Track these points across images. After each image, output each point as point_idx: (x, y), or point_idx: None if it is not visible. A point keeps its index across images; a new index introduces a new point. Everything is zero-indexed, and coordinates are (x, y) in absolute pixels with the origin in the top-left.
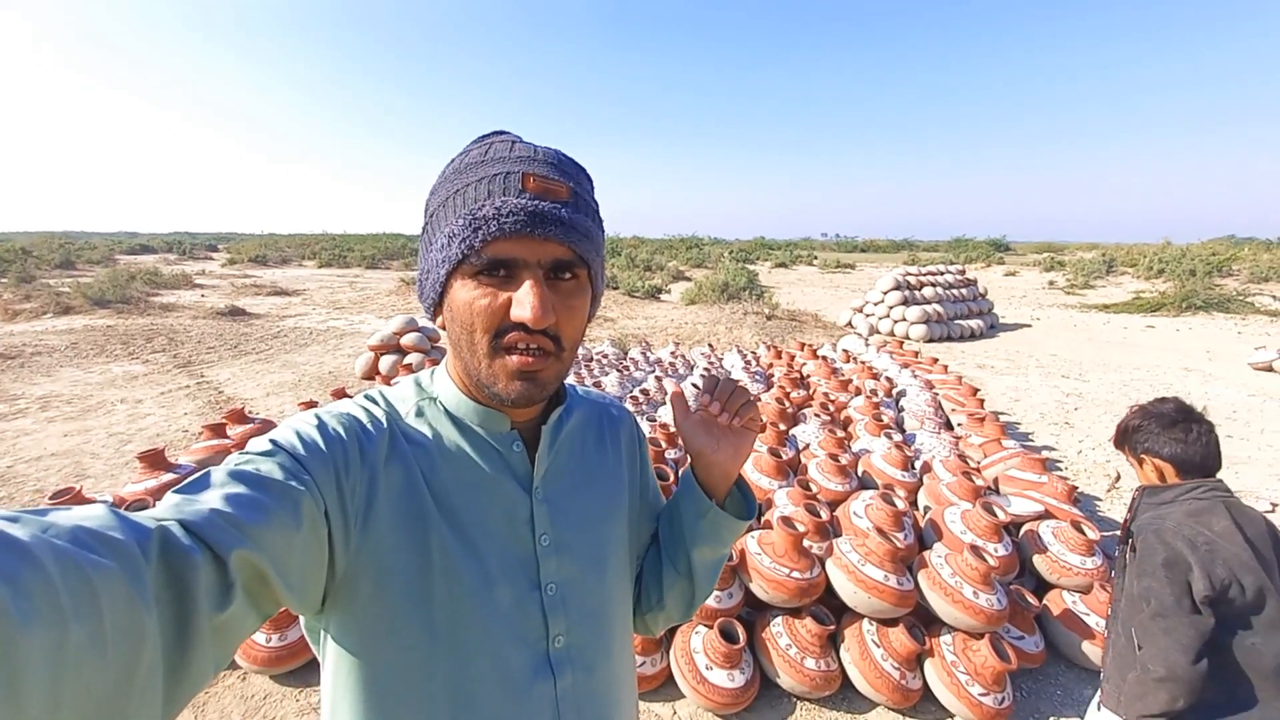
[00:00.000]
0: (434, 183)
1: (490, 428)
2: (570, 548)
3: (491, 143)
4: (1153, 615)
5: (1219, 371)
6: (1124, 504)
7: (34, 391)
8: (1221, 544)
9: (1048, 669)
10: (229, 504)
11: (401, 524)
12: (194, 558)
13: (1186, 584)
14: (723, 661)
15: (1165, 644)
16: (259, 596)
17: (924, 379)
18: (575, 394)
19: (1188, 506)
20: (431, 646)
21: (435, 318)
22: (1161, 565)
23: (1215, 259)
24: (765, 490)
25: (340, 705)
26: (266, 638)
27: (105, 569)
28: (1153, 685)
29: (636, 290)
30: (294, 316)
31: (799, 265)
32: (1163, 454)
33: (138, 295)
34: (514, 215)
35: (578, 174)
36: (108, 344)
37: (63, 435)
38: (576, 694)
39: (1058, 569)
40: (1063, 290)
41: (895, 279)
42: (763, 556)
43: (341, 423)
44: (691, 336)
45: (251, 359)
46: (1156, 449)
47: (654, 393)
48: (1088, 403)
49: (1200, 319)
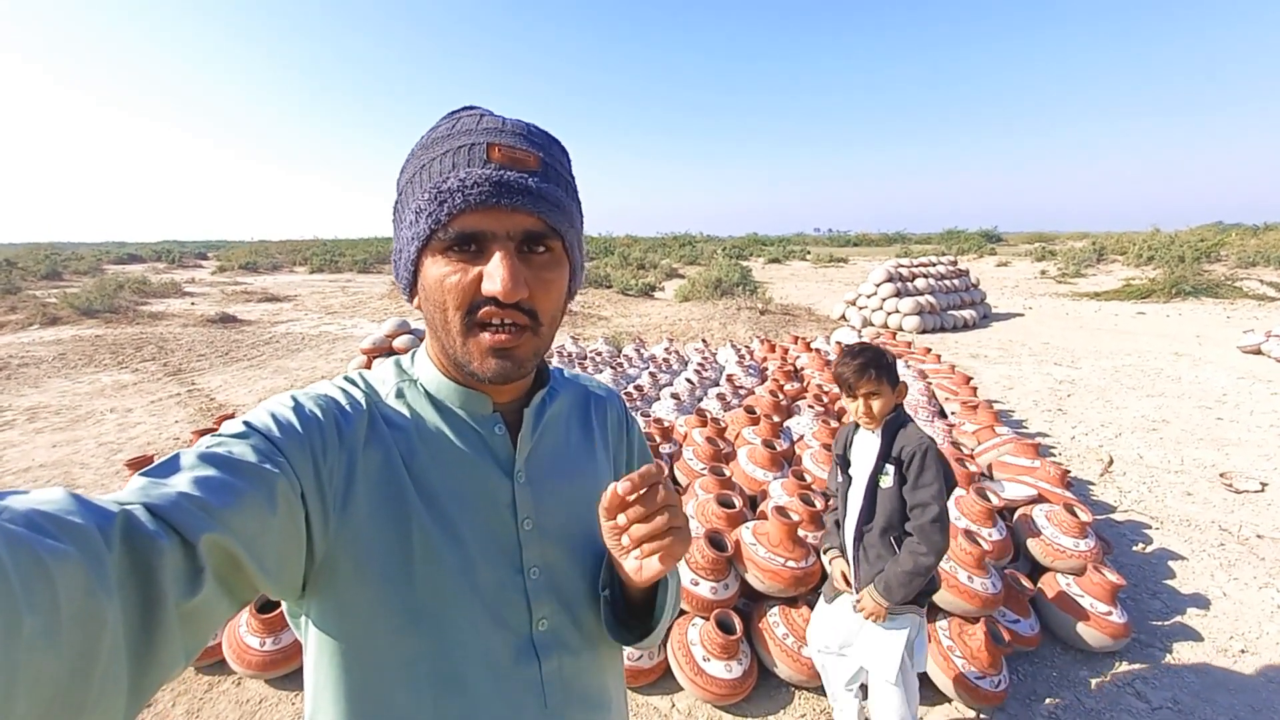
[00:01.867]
0: (403, 160)
1: (472, 409)
2: (554, 532)
3: (459, 117)
4: (933, 519)
5: (1209, 355)
6: (1118, 488)
7: (21, 403)
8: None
9: (1043, 651)
10: (198, 487)
11: (381, 507)
12: (159, 543)
13: (947, 485)
14: (720, 653)
15: (938, 537)
16: (232, 582)
17: (917, 369)
18: (561, 376)
19: (916, 423)
20: (413, 630)
21: (412, 298)
22: (940, 475)
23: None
24: (760, 482)
25: (323, 690)
26: (261, 641)
27: (62, 555)
28: (923, 570)
29: (630, 289)
30: (286, 322)
31: (792, 260)
32: (896, 383)
33: (126, 304)
34: (479, 186)
35: (549, 144)
36: (96, 354)
37: (51, 446)
38: (562, 677)
39: (1051, 552)
40: (1054, 279)
41: (887, 271)
42: (758, 547)
43: (318, 404)
44: (686, 333)
45: (243, 365)
46: (896, 379)
47: (648, 389)
48: (1080, 389)
49: (1190, 304)
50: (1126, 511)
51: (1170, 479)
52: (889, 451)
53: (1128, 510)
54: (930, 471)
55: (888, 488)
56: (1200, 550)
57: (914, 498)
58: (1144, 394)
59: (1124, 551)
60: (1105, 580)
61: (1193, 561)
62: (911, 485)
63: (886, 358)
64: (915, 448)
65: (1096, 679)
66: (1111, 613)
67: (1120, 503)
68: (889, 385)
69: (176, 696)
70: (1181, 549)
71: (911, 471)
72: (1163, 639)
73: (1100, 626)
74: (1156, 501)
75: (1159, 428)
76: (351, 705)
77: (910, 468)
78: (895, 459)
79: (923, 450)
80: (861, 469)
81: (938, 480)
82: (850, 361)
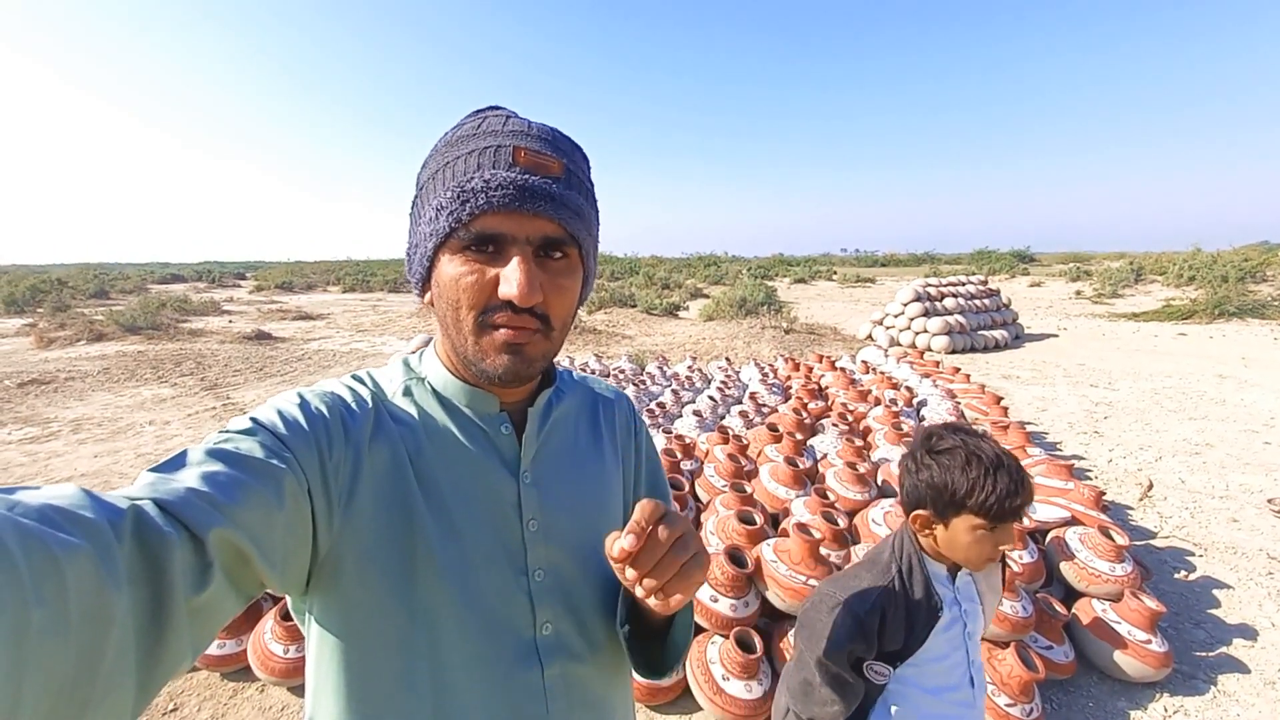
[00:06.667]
0: (426, 156)
1: (479, 408)
2: (560, 534)
3: (485, 116)
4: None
5: (1255, 377)
6: (1158, 513)
7: (66, 415)
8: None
9: (1078, 680)
10: (206, 483)
11: (385, 505)
12: (169, 537)
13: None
14: (740, 672)
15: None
16: (239, 577)
17: (945, 389)
18: (568, 378)
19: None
20: (413, 629)
21: (423, 294)
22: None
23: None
24: (782, 499)
25: (323, 687)
26: (285, 649)
27: (74, 548)
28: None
29: (655, 308)
30: (318, 339)
31: (818, 281)
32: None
33: (168, 321)
34: (503, 189)
35: (572, 151)
36: (138, 368)
37: (93, 456)
38: (566, 683)
39: (1086, 576)
40: (1090, 300)
41: (915, 290)
42: (779, 564)
43: (325, 401)
44: (709, 351)
45: (276, 380)
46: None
47: (670, 406)
48: (1118, 411)
49: (1234, 325)
50: (1168, 537)
51: (1214, 504)
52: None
53: (1169, 536)
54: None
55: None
56: (1247, 579)
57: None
58: (1186, 417)
59: (1165, 578)
60: (1144, 607)
61: (1239, 590)
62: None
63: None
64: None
65: (1136, 711)
66: (1151, 641)
67: (1161, 528)
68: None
69: (202, 702)
70: (1227, 577)
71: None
72: (1207, 671)
73: (1139, 655)
74: (1200, 528)
75: (1202, 451)
76: (350, 704)
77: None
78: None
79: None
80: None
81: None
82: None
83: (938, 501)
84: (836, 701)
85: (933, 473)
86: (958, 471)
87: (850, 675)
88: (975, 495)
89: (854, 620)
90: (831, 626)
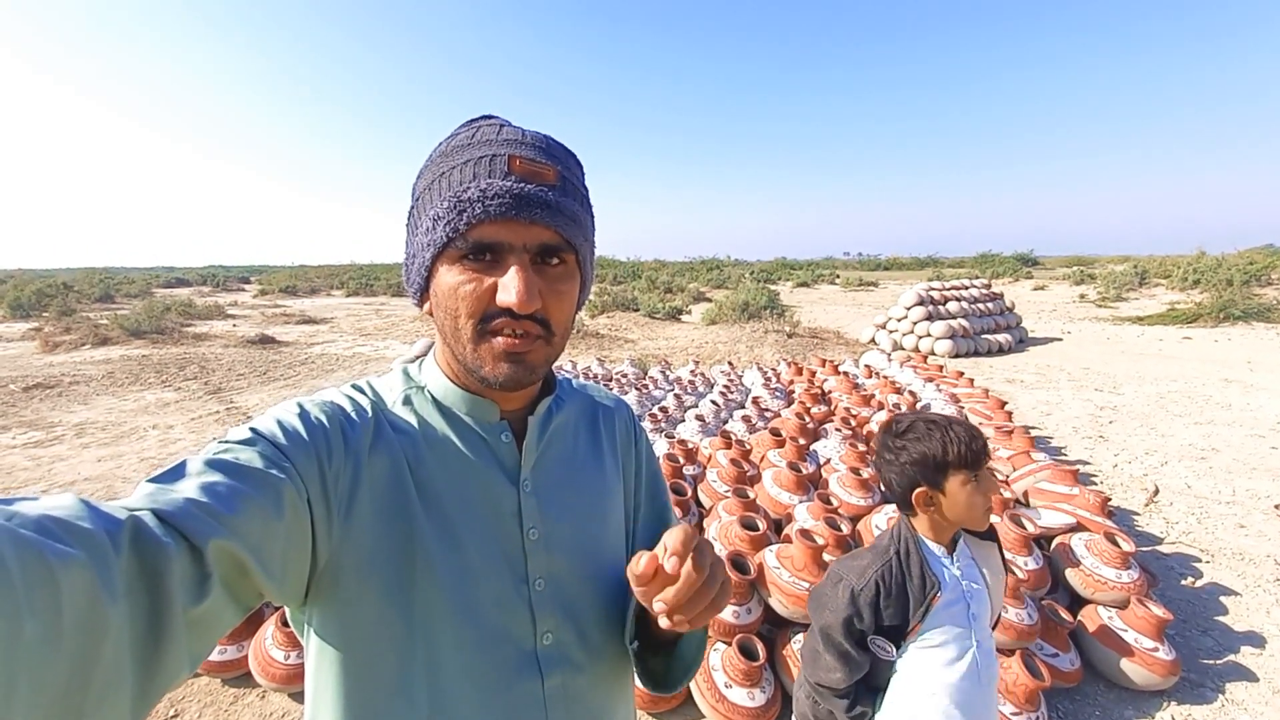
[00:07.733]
0: (421, 166)
1: (479, 417)
2: (561, 542)
3: (479, 126)
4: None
5: (1262, 381)
6: (1165, 519)
7: (70, 419)
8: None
9: (1084, 688)
10: (205, 493)
11: (385, 514)
12: (168, 548)
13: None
14: (742, 679)
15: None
16: (238, 587)
17: (949, 393)
18: (568, 386)
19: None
20: (411, 638)
21: (422, 304)
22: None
23: (1253, 268)
24: (785, 505)
25: (322, 698)
26: (285, 655)
27: (70, 559)
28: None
29: (657, 311)
30: (321, 344)
31: (821, 284)
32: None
33: (172, 325)
34: (499, 198)
35: (566, 158)
36: (142, 372)
37: (96, 460)
38: (566, 694)
39: (1092, 583)
40: (1094, 303)
41: (919, 294)
42: (782, 570)
43: (324, 410)
44: (712, 355)
45: (279, 385)
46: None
47: (672, 411)
48: (1123, 415)
49: (1239, 329)
50: (1174, 544)
51: (1221, 510)
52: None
53: (1175, 542)
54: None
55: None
56: (1255, 585)
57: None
58: (1191, 421)
59: (1172, 585)
60: (1151, 614)
61: (1246, 597)
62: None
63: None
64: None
65: (1143, 719)
66: (1158, 649)
67: (1167, 534)
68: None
69: (203, 708)
70: (1234, 584)
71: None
72: (1215, 679)
73: (1146, 663)
74: (1207, 534)
75: (1208, 456)
76: (349, 714)
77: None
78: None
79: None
80: (977, 594)
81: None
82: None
83: (926, 472)
84: (838, 669)
85: (909, 451)
86: (927, 440)
87: (852, 647)
88: (950, 450)
89: (852, 592)
90: (834, 598)
